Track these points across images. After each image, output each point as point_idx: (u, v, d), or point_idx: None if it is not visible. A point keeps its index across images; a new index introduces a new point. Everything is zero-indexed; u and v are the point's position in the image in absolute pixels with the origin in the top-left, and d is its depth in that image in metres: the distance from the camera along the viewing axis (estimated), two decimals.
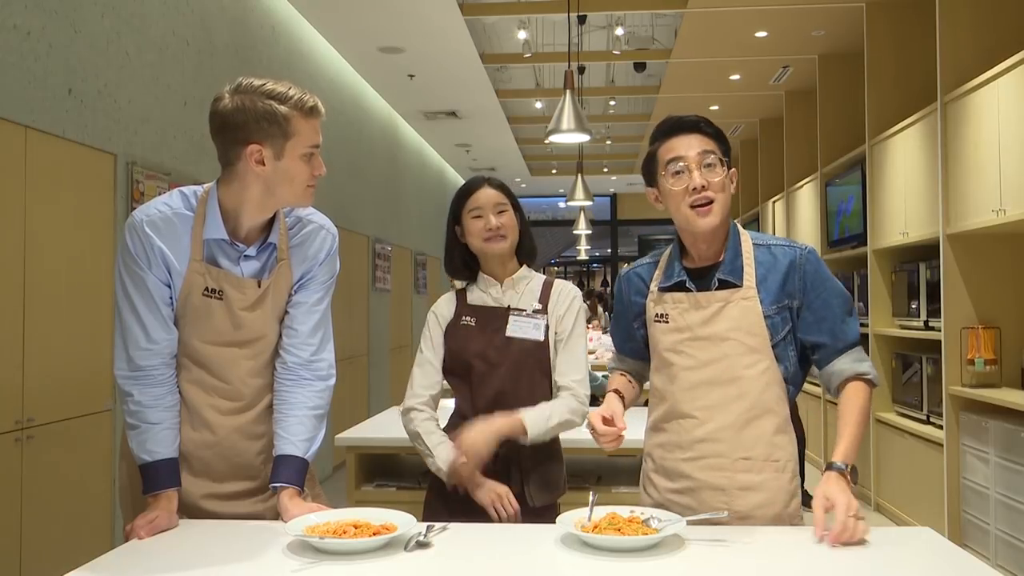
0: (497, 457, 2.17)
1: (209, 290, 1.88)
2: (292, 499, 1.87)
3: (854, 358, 1.89)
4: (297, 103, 1.82)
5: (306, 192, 1.89)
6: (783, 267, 1.90)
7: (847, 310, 1.91)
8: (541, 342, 2.22)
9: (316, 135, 1.86)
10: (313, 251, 1.99)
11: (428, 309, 2.40)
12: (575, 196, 8.65)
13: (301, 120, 1.82)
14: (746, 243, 1.94)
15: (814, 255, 1.93)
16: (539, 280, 2.31)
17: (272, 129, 1.80)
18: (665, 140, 1.93)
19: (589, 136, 5.04)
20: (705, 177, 1.87)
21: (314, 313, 2.00)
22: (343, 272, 2.14)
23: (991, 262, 4.64)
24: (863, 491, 6.12)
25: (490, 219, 2.22)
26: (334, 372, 2.03)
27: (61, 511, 3.58)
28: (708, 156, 1.88)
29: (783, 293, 1.90)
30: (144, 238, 1.84)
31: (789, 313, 1.90)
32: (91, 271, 3.82)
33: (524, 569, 1.61)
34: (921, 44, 5.53)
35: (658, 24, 7.62)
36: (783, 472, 1.90)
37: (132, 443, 1.88)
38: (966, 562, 1.61)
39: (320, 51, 7.03)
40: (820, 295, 1.89)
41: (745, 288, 1.89)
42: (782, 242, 1.96)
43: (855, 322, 1.93)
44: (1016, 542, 4.06)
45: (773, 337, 1.88)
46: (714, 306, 1.90)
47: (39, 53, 3.50)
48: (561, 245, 19.17)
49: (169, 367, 1.91)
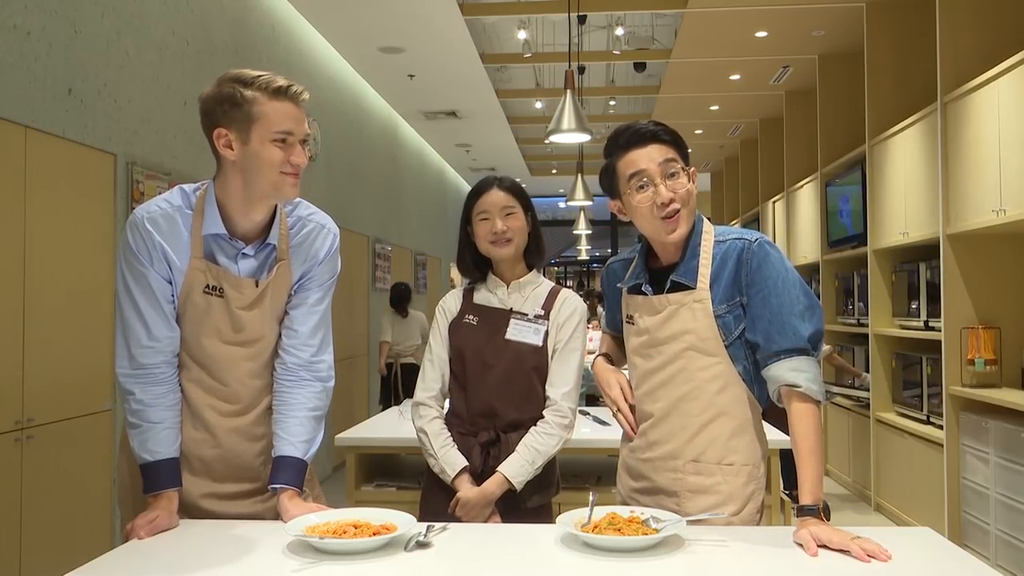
0: (488, 454, 2.19)
1: (209, 287, 1.88)
2: (292, 500, 1.87)
3: (790, 366, 1.76)
4: (262, 84, 1.78)
5: (282, 180, 1.82)
6: (732, 262, 1.84)
7: (793, 309, 1.78)
8: (539, 347, 2.22)
9: (286, 120, 1.80)
10: (313, 251, 1.98)
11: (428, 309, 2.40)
12: (575, 196, 8.65)
13: (266, 102, 1.78)
14: (707, 241, 1.89)
15: (762, 247, 1.83)
16: (546, 286, 2.31)
17: (235, 112, 1.78)
18: (623, 153, 1.88)
19: (589, 136, 5.04)
20: (671, 189, 1.84)
21: (314, 314, 1.99)
22: (343, 272, 2.14)
23: (991, 262, 4.64)
24: (863, 491, 6.12)
25: (496, 223, 2.21)
26: (333, 374, 2.03)
27: (61, 511, 3.58)
28: (670, 166, 1.84)
29: (733, 289, 1.84)
30: (145, 235, 1.84)
31: (741, 310, 1.84)
32: (91, 271, 3.82)
33: (524, 569, 1.61)
34: (921, 44, 5.54)
35: (658, 24, 7.62)
36: (737, 476, 1.87)
37: (133, 442, 1.87)
38: (966, 562, 1.61)
39: (320, 51, 7.03)
40: (759, 291, 1.80)
41: (698, 290, 1.86)
42: (736, 234, 1.88)
43: (804, 323, 1.77)
44: (1016, 542, 4.06)
45: (726, 338, 1.84)
46: (668, 309, 1.89)
47: (39, 53, 3.50)
48: (561, 245, 19.17)
49: (171, 365, 1.91)
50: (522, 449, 2.18)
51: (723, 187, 12.11)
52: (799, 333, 1.77)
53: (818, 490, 1.69)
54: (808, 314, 1.79)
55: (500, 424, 2.21)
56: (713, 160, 12.22)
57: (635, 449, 1.98)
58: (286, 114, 1.80)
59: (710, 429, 1.87)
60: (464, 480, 2.17)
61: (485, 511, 2.14)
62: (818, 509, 1.67)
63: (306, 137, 1.86)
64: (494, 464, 2.18)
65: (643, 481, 1.95)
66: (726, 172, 11.94)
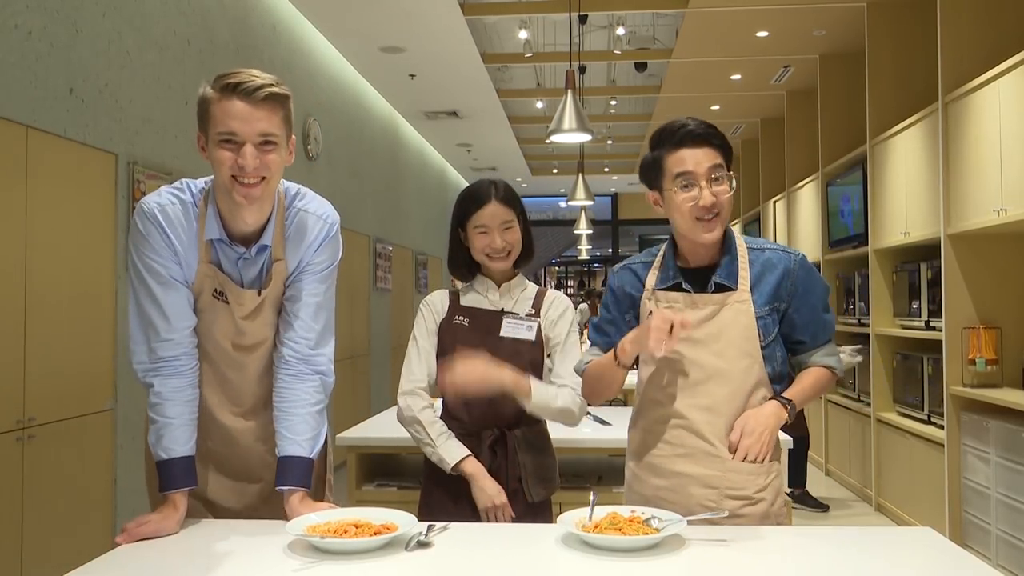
0: (495, 453, 2.19)
1: (217, 292, 1.86)
2: (302, 500, 1.85)
3: (826, 352, 2.00)
4: (218, 83, 1.71)
5: (232, 187, 1.73)
6: (778, 272, 1.93)
7: (826, 307, 2.00)
8: (533, 343, 2.23)
9: (231, 119, 1.70)
10: (306, 240, 1.90)
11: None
12: (576, 196, 8.66)
13: (216, 101, 1.71)
14: (741, 247, 1.96)
15: (805, 261, 1.98)
16: (533, 288, 2.34)
17: (201, 114, 1.76)
18: (674, 150, 1.91)
19: (590, 136, 5.04)
20: (714, 194, 1.88)
21: (309, 304, 1.91)
22: (344, 272, 2.13)
23: (992, 262, 4.64)
24: (864, 491, 6.12)
25: (495, 239, 2.20)
26: (333, 368, 1.97)
27: (61, 511, 3.58)
28: (717, 171, 1.89)
29: (775, 296, 1.93)
30: (157, 225, 1.80)
31: (777, 314, 1.94)
32: (92, 271, 3.82)
33: (524, 569, 1.61)
34: (922, 44, 5.53)
35: (659, 24, 7.63)
36: (770, 473, 1.92)
37: (151, 438, 1.85)
38: (967, 562, 1.61)
39: (321, 51, 7.03)
40: (808, 301, 1.95)
41: (740, 291, 1.91)
42: (775, 247, 2.00)
43: (832, 315, 2.03)
44: (1017, 542, 4.06)
45: (764, 339, 1.91)
46: (710, 308, 1.91)
47: (40, 53, 3.51)
48: (562, 245, 19.17)
49: (192, 357, 1.87)
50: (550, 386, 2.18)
51: None
52: (830, 326, 2.01)
53: (799, 398, 1.94)
54: (828, 309, 2.01)
55: (503, 422, 2.21)
56: None
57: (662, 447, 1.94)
58: (231, 113, 1.71)
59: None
60: (469, 464, 2.15)
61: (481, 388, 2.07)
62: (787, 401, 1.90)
63: (270, 138, 1.74)
64: (502, 463, 2.18)
65: (674, 478, 1.92)
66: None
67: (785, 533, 1.81)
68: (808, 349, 1.99)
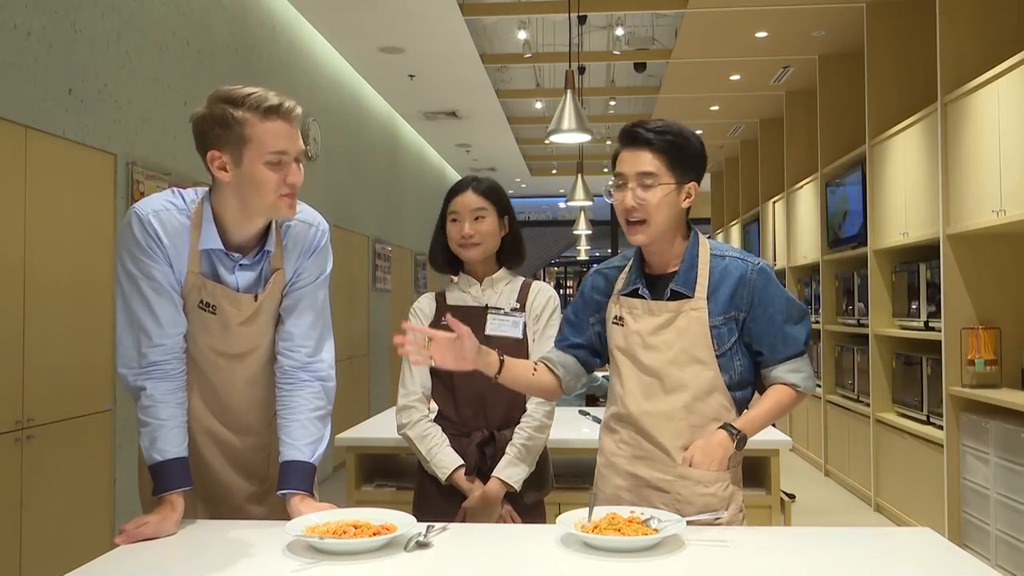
0: (483, 453, 2.20)
1: (204, 303, 1.86)
2: (304, 502, 1.86)
3: (789, 368, 1.94)
4: (253, 104, 1.74)
5: (280, 202, 1.80)
6: (733, 280, 1.93)
7: (791, 320, 1.94)
8: (519, 340, 2.23)
9: (280, 139, 1.76)
10: (300, 249, 1.94)
11: None
12: (575, 196, 8.65)
13: (257, 123, 1.74)
14: (704, 254, 1.96)
15: (764, 271, 1.95)
16: (518, 281, 2.34)
17: (227, 135, 1.75)
18: (619, 149, 1.96)
19: (590, 136, 5.03)
20: (638, 197, 1.89)
21: (306, 313, 1.94)
22: (344, 272, 2.13)
23: (991, 262, 4.64)
24: (864, 492, 6.12)
25: (464, 226, 2.23)
26: (334, 373, 1.99)
27: (61, 511, 3.58)
28: (647, 178, 1.89)
29: (731, 305, 1.92)
30: (152, 230, 1.81)
31: (735, 324, 1.93)
32: (91, 271, 3.82)
33: (524, 569, 1.61)
34: (921, 44, 5.53)
35: (658, 24, 7.62)
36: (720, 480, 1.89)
37: (144, 441, 1.85)
38: (966, 562, 1.61)
39: (320, 51, 7.03)
40: (765, 311, 1.92)
41: (696, 299, 1.92)
42: (736, 254, 1.97)
43: (801, 329, 1.95)
44: (1016, 542, 4.06)
45: (719, 347, 1.91)
46: (665, 315, 1.92)
47: (39, 53, 3.50)
48: (561, 245, 19.18)
49: (181, 361, 1.88)
50: (512, 450, 2.18)
51: (723, 187, 12.11)
52: (795, 340, 1.94)
53: (750, 427, 1.89)
54: (801, 320, 1.96)
55: (492, 422, 2.22)
56: (713, 160, 12.21)
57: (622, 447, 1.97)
58: (278, 134, 1.76)
59: (698, 433, 1.90)
60: (461, 479, 2.17)
61: (493, 513, 2.14)
62: (735, 432, 1.86)
63: (300, 154, 1.82)
64: (491, 463, 2.19)
65: (630, 479, 1.96)
66: (726, 172, 11.93)
67: (785, 533, 1.81)
68: (770, 363, 1.95)
